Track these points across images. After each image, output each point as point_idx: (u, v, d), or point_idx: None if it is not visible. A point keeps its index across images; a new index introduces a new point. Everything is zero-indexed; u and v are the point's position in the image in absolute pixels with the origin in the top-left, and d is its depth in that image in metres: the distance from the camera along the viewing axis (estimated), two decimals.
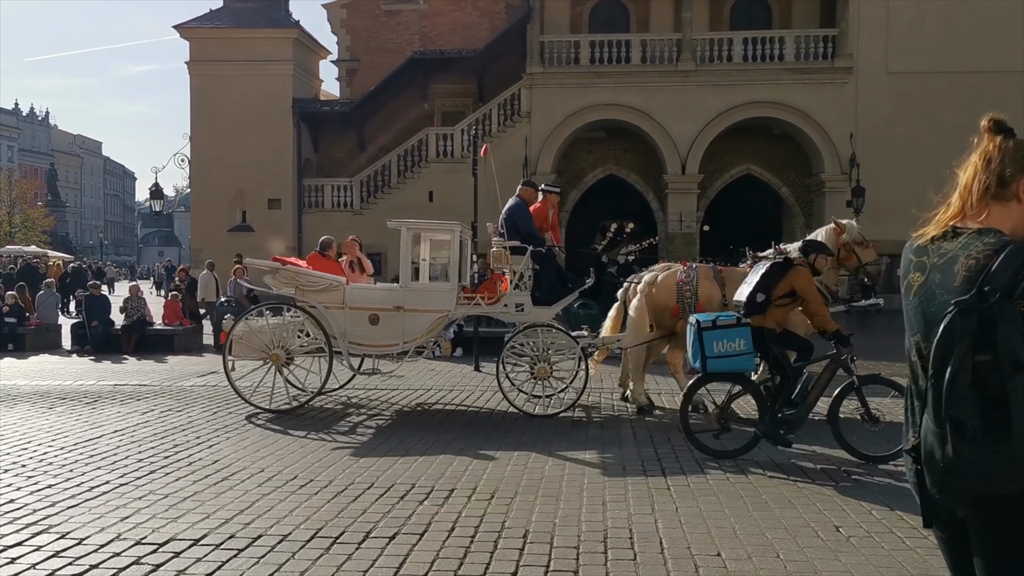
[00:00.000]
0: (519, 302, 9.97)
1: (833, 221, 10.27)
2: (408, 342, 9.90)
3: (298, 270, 10.07)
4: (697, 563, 4.88)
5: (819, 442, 8.24)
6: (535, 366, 9.77)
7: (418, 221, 10.76)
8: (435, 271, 10.42)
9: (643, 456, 7.59)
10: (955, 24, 26.43)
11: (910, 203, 12.91)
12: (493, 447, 7.96)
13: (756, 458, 7.49)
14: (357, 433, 8.62)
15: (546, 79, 27.81)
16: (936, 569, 4.76)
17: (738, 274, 9.97)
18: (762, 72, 27.27)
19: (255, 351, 10.04)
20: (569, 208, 30.06)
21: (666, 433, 8.65)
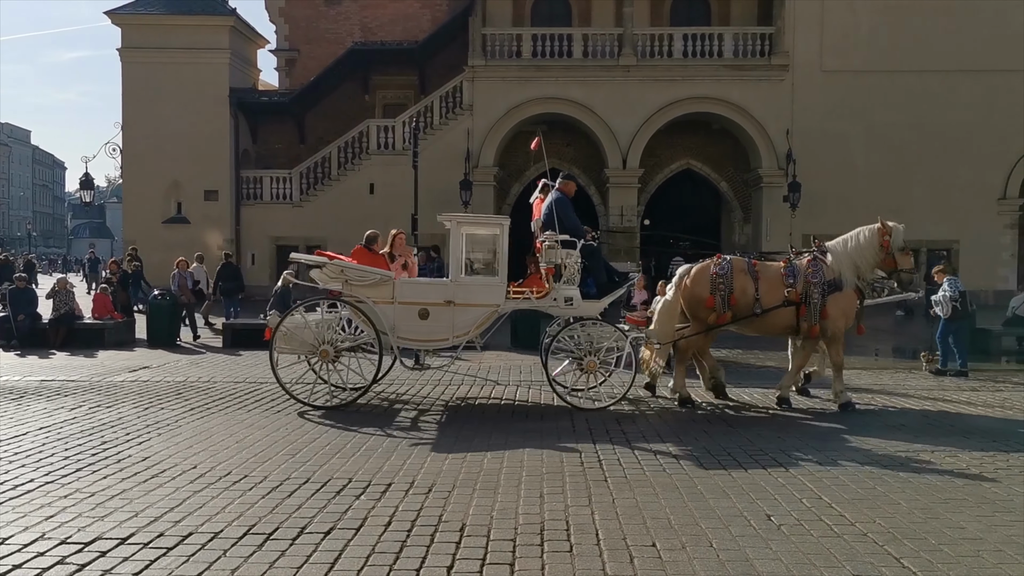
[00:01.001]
0: (568, 296, 9.95)
1: (880, 222, 10.30)
2: (458, 336, 9.86)
3: (346, 264, 9.98)
4: (632, 554, 4.91)
5: (755, 432, 8.38)
6: (584, 360, 9.77)
7: (467, 215, 10.66)
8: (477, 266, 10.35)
9: (582, 449, 7.61)
10: (887, 24, 27.07)
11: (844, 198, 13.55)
12: (432, 441, 7.91)
13: (693, 450, 7.57)
14: (294, 428, 8.48)
15: (488, 72, 27.75)
16: (862, 556, 4.87)
17: (772, 269, 10.19)
18: (701, 68, 27.58)
19: (301, 346, 9.91)
20: (511, 202, 30.07)
21: (605, 425, 8.70)
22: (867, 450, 7.62)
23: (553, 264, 9.89)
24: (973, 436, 8.34)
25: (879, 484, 6.43)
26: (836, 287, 9.88)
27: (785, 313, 9.92)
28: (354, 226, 27.33)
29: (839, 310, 9.94)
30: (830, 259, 10.00)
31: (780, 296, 9.88)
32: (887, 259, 10.07)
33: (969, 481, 6.57)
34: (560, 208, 9.99)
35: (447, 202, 26.81)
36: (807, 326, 9.91)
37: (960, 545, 5.07)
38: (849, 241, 10.16)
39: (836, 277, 9.90)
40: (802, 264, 10.03)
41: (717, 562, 4.78)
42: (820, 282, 9.84)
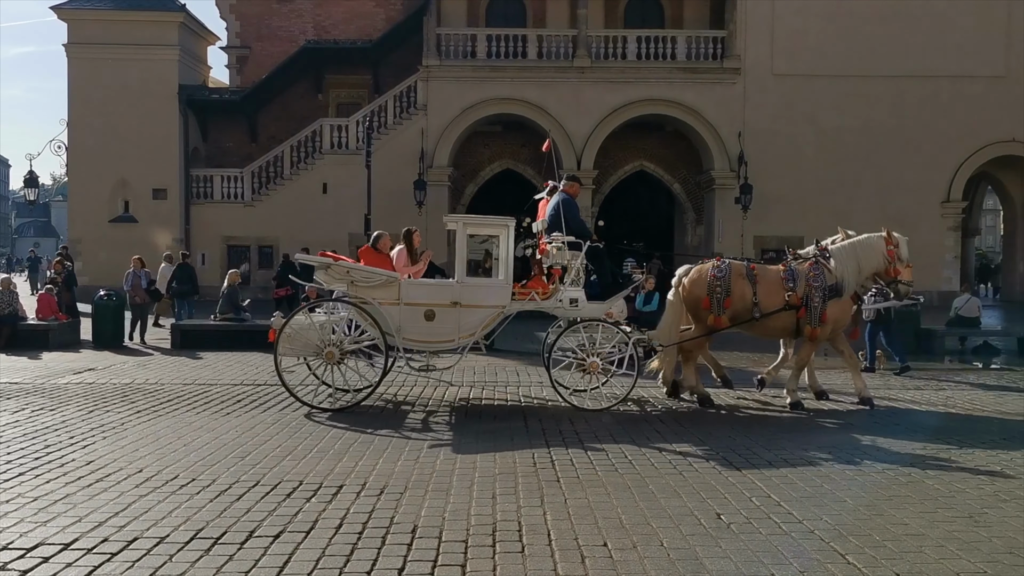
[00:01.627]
0: (573, 297, 9.98)
1: (887, 232, 10.43)
2: (464, 337, 9.81)
3: (351, 265, 9.91)
4: (584, 554, 4.92)
5: (706, 431, 8.46)
6: (587, 361, 9.79)
7: (472, 216, 10.52)
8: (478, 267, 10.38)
9: (535, 449, 7.62)
10: (835, 29, 27.54)
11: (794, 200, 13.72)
12: (384, 442, 7.86)
13: (645, 450, 7.62)
14: (243, 431, 8.37)
15: (443, 72, 27.70)
16: (809, 552, 4.94)
17: (771, 272, 10.24)
18: (655, 70, 27.82)
19: (305, 348, 9.81)
20: (466, 202, 30.07)
21: (558, 426, 8.72)
22: (815, 448, 7.73)
23: (560, 265, 9.91)
24: (918, 434, 8.51)
25: (826, 482, 6.53)
26: (836, 292, 10.03)
27: (785, 316, 10.05)
28: (307, 226, 27.29)
29: (837, 314, 10.11)
30: (833, 264, 10.12)
31: (780, 300, 9.98)
32: (890, 268, 10.24)
33: (913, 478, 6.70)
34: (567, 209, 10.03)
35: (401, 202, 26.75)
36: (808, 329, 10.02)
37: (903, 541, 5.17)
38: (857, 248, 10.28)
39: (837, 282, 10.04)
40: (802, 268, 10.15)
41: (667, 561, 4.82)
42: (822, 286, 9.95)
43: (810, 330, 9.99)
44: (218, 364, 13.51)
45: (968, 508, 5.88)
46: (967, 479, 6.69)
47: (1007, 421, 9.35)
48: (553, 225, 10.00)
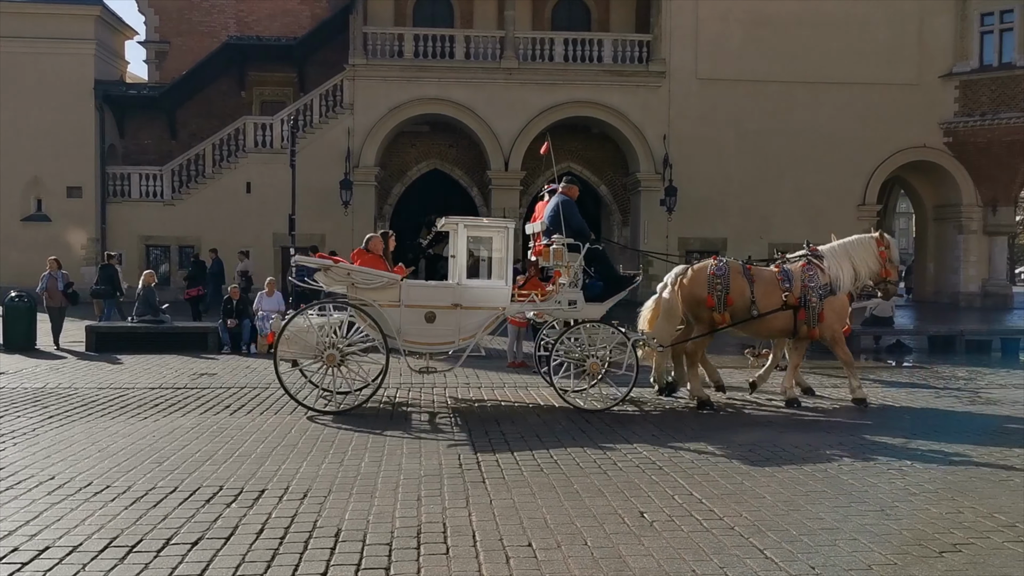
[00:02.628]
0: (572, 299, 9.98)
1: (879, 233, 10.67)
2: (464, 339, 9.79)
3: (352, 268, 9.82)
4: (509, 554, 4.93)
5: (631, 430, 8.56)
6: (586, 361, 9.83)
7: (471, 219, 10.51)
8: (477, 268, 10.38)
9: (460, 450, 7.61)
10: (756, 36, 28.13)
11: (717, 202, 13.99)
12: (309, 445, 7.75)
13: (571, 450, 7.68)
14: (161, 436, 8.16)
15: (369, 71, 27.46)
16: (729, 548, 5.04)
17: (766, 273, 10.39)
18: (582, 72, 28.05)
19: (304, 350, 9.69)
20: (393, 202, 29.90)
21: (484, 427, 8.72)
22: (737, 446, 7.88)
23: (561, 267, 9.93)
24: (834, 432, 8.76)
25: (746, 479, 6.67)
26: (831, 291, 10.27)
27: (783, 316, 10.22)
28: (230, 226, 26.78)
29: (834, 314, 10.34)
30: (826, 264, 10.36)
31: (778, 300, 10.15)
32: (881, 269, 10.56)
33: (829, 474, 6.89)
34: (567, 211, 10.07)
35: (327, 202, 26.45)
36: (806, 329, 10.22)
37: (818, 535, 5.30)
38: (849, 248, 10.56)
39: (830, 282, 10.27)
40: (796, 268, 10.36)
41: (591, 560, 4.86)
42: (817, 286, 10.18)
43: (809, 330, 10.23)
44: (135, 367, 13.16)
45: (880, 502, 6.07)
46: (880, 474, 6.90)
47: (917, 417, 9.68)
48: (555, 227, 10.02)
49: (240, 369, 13.14)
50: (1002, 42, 28.14)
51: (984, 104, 28.11)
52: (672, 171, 27.57)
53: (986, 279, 29.28)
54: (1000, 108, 27.81)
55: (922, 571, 4.71)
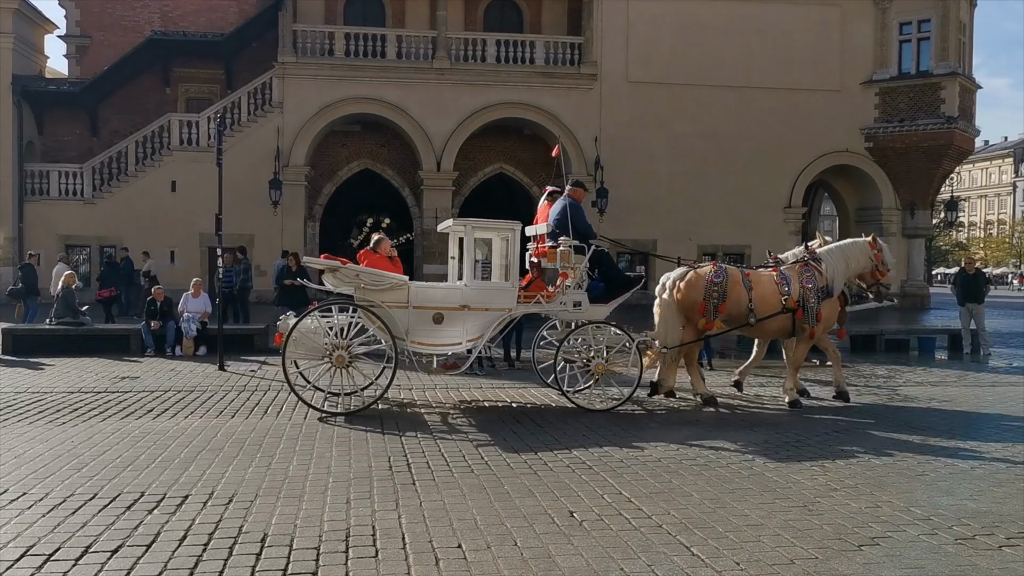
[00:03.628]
0: (576, 300, 10.09)
1: (872, 237, 10.99)
2: (471, 340, 9.80)
3: (360, 269, 9.76)
4: (438, 556, 4.91)
5: (561, 430, 8.60)
6: (591, 362, 9.95)
7: (479, 220, 10.54)
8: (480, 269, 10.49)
9: (391, 452, 7.55)
10: (686, 40, 28.60)
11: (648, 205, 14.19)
12: (235, 449, 7.60)
13: (502, 450, 7.68)
14: (81, 441, 7.91)
15: (299, 69, 27.14)
16: (657, 546, 5.09)
17: (764, 278, 10.52)
18: (514, 74, 28.14)
19: (312, 351, 9.55)
20: (323, 202, 29.58)
21: (415, 428, 8.67)
22: (666, 445, 7.98)
23: (568, 269, 9.99)
24: (759, 429, 8.93)
25: (675, 477, 6.75)
26: (828, 293, 10.51)
27: (782, 318, 10.42)
28: (155, 225, 26.15)
29: (829, 314, 10.60)
30: (824, 266, 10.59)
31: (777, 303, 10.35)
32: (875, 272, 10.87)
33: (754, 471, 7.02)
34: (575, 214, 10.16)
35: (256, 202, 26.03)
36: (807, 329, 10.44)
37: (743, 531, 5.40)
38: (846, 250, 10.88)
39: (827, 283, 10.52)
40: (794, 271, 10.58)
41: (521, 560, 4.86)
42: (815, 288, 10.40)
43: (809, 330, 10.46)
44: (54, 371, 12.76)
45: (803, 498, 6.20)
46: (802, 470, 7.06)
47: (839, 415, 9.93)
48: (562, 229, 10.08)
49: (164, 372, 12.83)
50: (919, 51, 29.13)
51: (903, 111, 29.04)
52: (603, 173, 27.84)
53: (905, 280, 30.22)
54: (918, 115, 28.76)
55: (842, 564, 4.83)
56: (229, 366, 13.23)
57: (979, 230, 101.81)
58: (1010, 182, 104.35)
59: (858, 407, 10.42)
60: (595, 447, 7.84)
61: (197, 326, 15.23)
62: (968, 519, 5.72)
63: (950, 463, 7.40)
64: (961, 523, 5.62)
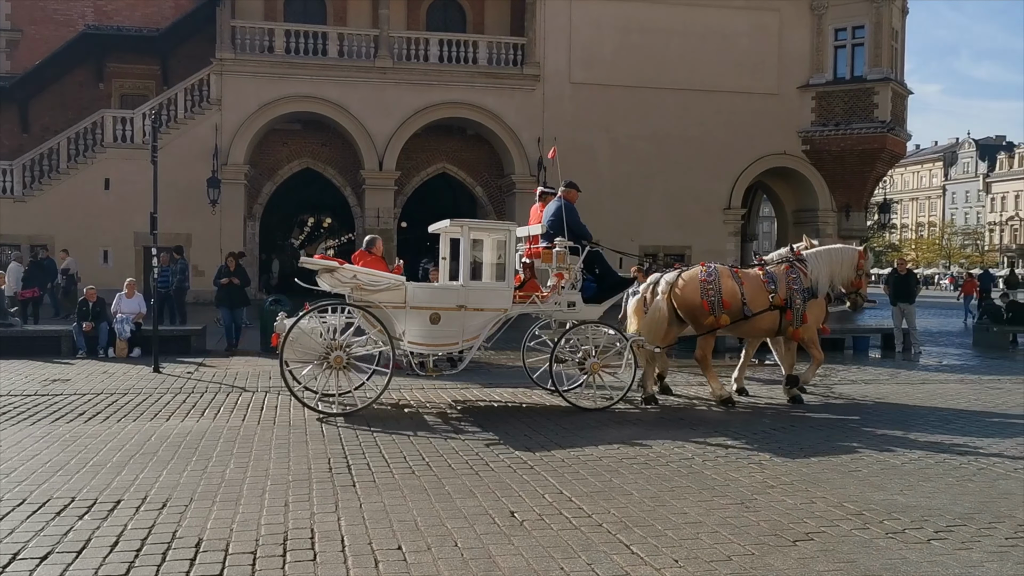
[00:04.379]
0: (571, 300, 10.21)
1: (864, 248, 11.36)
2: (467, 340, 9.85)
3: (357, 269, 9.78)
4: (378, 558, 4.86)
5: (503, 431, 8.59)
6: (586, 361, 10.05)
7: (476, 221, 10.51)
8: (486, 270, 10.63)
9: (331, 454, 7.46)
10: (628, 42, 28.85)
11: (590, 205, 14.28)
12: (169, 453, 7.44)
13: (443, 451, 7.65)
14: (8, 445, 7.67)
15: (238, 66, 26.73)
16: (597, 545, 5.12)
17: (752, 275, 10.76)
18: (457, 74, 28.08)
19: (308, 353, 9.48)
20: (263, 201, 29.17)
21: (355, 429, 8.59)
22: (606, 444, 8.03)
23: (563, 269, 10.09)
24: (699, 427, 9.04)
25: (615, 476, 6.79)
26: (813, 294, 10.78)
27: (770, 317, 10.63)
28: (88, 223, 25.50)
29: (815, 315, 10.87)
30: (809, 268, 10.86)
31: (765, 301, 10.58)
32: (856, 281, 11.23)
33: (693, 469, 7.10)
34: (570, 215, 10.28)
35: (193, 200, 25.56)
36: (792, 329, 10.68)
37: (682, 529, 5.45)
38: (833, 255, 11.22)
39: (812, 285, 10.79)
40: (780, 271, 10.79)
41: (461, 561, 4.84)
42: (800, 288, 10.68)
43: (794, 331, 10.71)
44: None
45: (740, 495, 6.29)
46: (740, 468, 7.17)
47: (776, 413, 10.11)
48: (557, 230, 10.18)
49: (96, 374, 12.52)
50: (854, 56, 29.80)
51: (838, 114, 29.68)
52: (546, 173, 27.91)
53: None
54: (853, 119, 29.42)
55: (777, 560, 4.90)
56: (164, 368, 12.97)
57: (911, 232, 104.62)
58: (940, 185, 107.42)
59: (800, 406, 10.60)
60: (537, 447, 7.85)
61: (131, 327, 14.90)
62: (898, 513, 5.86)
63: (882, 459, 7.58)
64: (892, 517, 5.76)
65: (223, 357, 14.73)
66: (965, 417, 9.98)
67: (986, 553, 5.07)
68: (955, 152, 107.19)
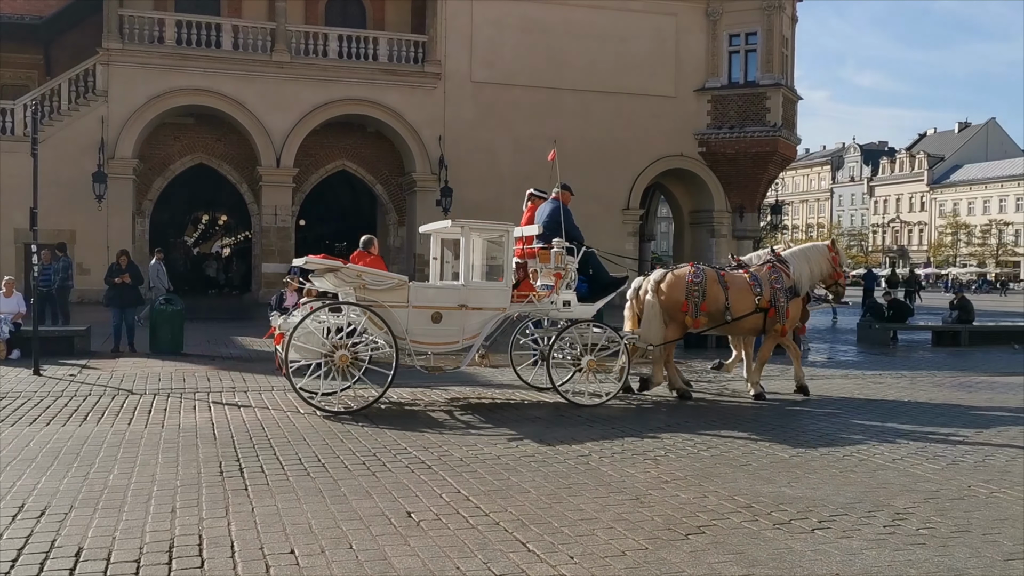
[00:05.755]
0: (566, 299, 10.57)
1: (832, 240, 12.06)
2: (468, 339, 10.08)
3: (362, 269, 9.95)
4: (269, 563, 4.73)
5: (400, 431, 8.51)
6: (582, 359, 10.39)
7: (476, 221, 10.75)
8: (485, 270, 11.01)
9: (223, 457, 7.25)
10: (529, 42, 29.03)
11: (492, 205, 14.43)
12: (49, 459, 7.09)
13: (338, 452, 7.52)
14: None
15: (126, 56, 25.79)
16: (494, 544, 5.11)
17: (738, 279, 11.05)
18: (357, 70, 27.76)
19: (312, 352, 9.55)
20: (154, 197, 28.22)
21: (249, 431, 8.37)
22: (506, 443, 8.04)
23: (561, 269, 10.41)
24: (596, 424, 9.14)
25: (513, 474, 6.80)
26: (795, 293, 11.16)
27: (755, 317, 10.98)
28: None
29: (795, 313, 11.27)
30: (791, 267, 11.29)
31: (751, 303, 10.96)
32: (833, 273, 11.68)
33: (590, 465, 7.17)
34: (568, 217, 10.72)
35: (78, 196, 24.53)
36: (778, 327, 11.02)
37: (578, 526, 5.49)
38: (808, 253, 11.77)
39: (793, 284, 11.17)
40: (763, 272, 11.16)
41: (355, 563, 4.75)
42: (783, 288, 11.11)
43: (780, 328, 11.06)
44: None
45: (635, 491, 6.38)
46: (636, 464, 7.27)
47: (672, 409, 10.31)
48: (554, 231, 10.52)
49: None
50: (747, 62, 30.72)
51: (732, 118, 30.53)
52: (447, 172, 27.87)
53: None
54: (746, 122, 30.31)
55: (670, 554, 4.99)
56: (46, 370, 12.39)
57: (801, 232, 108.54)
58: (828, 188, 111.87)
59: (691, 402, 10.83)
60: (435, 447, 7.80)
61: (10, 327, 14.19)
62: (786, 504, 6.04)
63: (771, 452, 7.81)
64: (779, 509, 5.93)
65: (109, 359, 14.18)
66: (849, 410, 10.38)
67: (865, 541, 5.27)
68: (842, 156, 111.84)
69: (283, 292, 13.59)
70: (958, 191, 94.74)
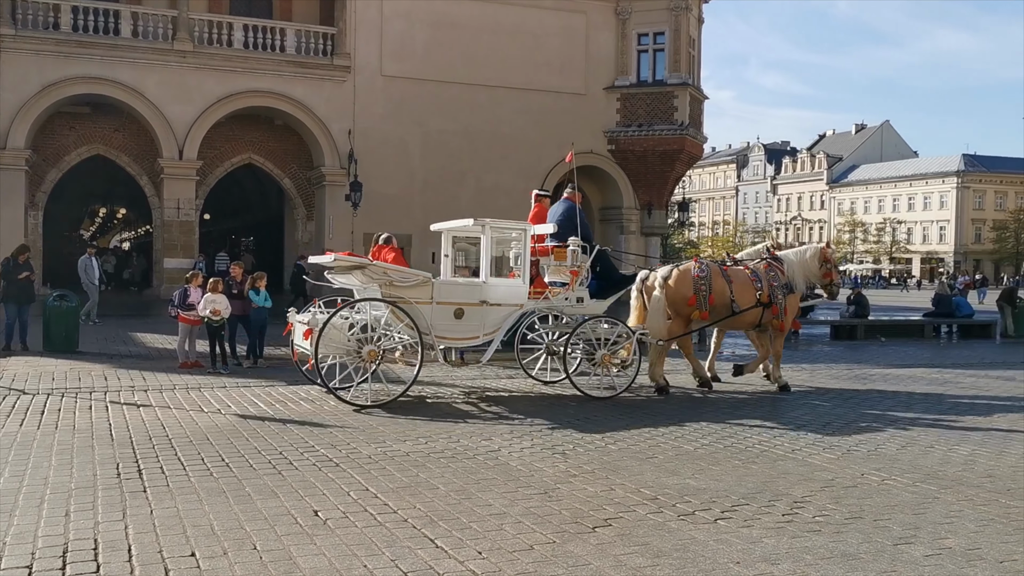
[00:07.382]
0: (579, 296, 10.96)
1: (827, 243, 12.66)
2: (487, 334, 10.37)
3: (387, 266, 10.22)
4: (168, 566, 4.60)
5: (307, 429, 8.38)
6: (596, 353, 10.68)
7: (495, 220, 10.83)
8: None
9: (120, 458, 7.01)
10: (440, 37, 28.90)
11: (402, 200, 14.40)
12: None
13: (243, 451, 7.36)
14: None
15: (19, 43, 24.66)
16: (402, 541, 5.07)
17: (741, 274, 11.40)
18: (263, 61, 27.19)
19: (338, 348, 9.80)
20: (48, 189, 27.11)
21: (148, 431, 8.11)
22: (415, 440, 7.99)
23: (576, 267, 10.79)
24: (506, 419, 9.18)
25: (421, 471, 6.77)
26: (790, 289, 11.74)
27: (754, 311, 11.28)
28: None
29: (792, 308, 11.71)
30: (787, 266, 11.66)
31: (752, 298, 11.32)
32: (827, 272, 12.18)
33: (499, 460, 7.19)
34: (579, 216, 11.09)
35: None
36: (777, 322, 11.54)
37: (487, 521, 5.50)
38: (804, 253, 12.19)
39: (789, 281, 11.72)
40: (761, 269, 11.51)
41: (260, 564, 4.66)
42: (780, 284, 11.55)
43: (780, 323, 11.46)
44: None
45: (544, 485, 6.43)
46: (544, 458, 7.33)
47: (583, 404, 10.42)
48: (568, 231, 10.86)
49: None
50: (655, 61, 31.20)
51: (641, 116, 30.99)
52: (357, 166, 27.53)
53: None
54: (655, 120, 30.80)
55: (577, 547, 5.04)
56: None
57: (708, 229, 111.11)
58: (733, 186, 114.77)
59: (600, 398, 10.94)
60: (343, 444, 7.71)
61: None
62: (690, 496, 6.17)
63: (677, 445, 7.98)
64: (684, 500, 6.06)
65: None
66: (751, 402, 10.70)
67: (765, 529, 5.43)
68: (746, 155, 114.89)
69: (187, 288, 13.22)
70: (855, 190, 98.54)
